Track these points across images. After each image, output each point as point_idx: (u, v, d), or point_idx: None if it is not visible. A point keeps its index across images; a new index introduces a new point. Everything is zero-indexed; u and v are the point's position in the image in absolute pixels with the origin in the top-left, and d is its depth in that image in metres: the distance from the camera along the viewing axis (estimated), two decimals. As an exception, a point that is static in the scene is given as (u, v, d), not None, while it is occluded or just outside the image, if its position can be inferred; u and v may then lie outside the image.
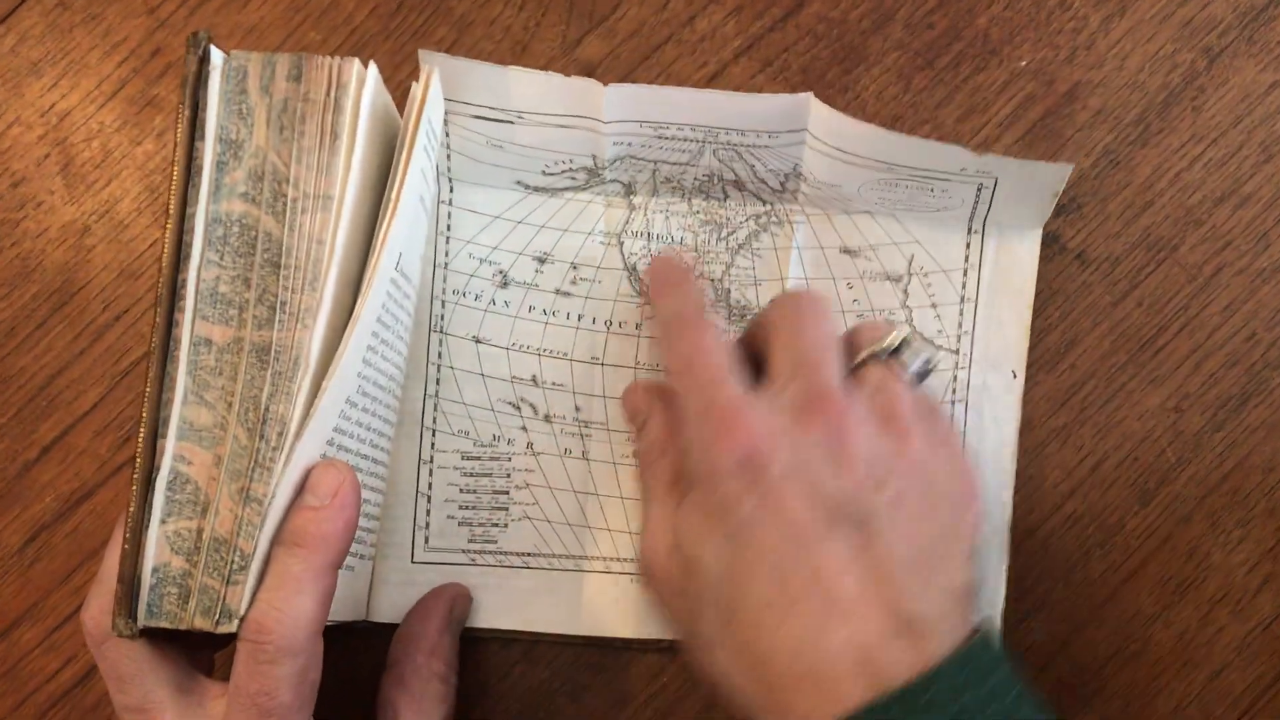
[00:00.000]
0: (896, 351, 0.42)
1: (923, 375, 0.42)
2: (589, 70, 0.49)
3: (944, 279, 0.47)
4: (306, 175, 0.37)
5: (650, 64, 0.49)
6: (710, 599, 0.38)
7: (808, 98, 0.44)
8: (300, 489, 0.37)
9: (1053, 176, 0.44)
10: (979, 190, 0.46)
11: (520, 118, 0.46)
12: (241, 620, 0.36)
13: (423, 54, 0.43)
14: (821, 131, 0.44)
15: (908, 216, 0.47)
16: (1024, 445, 0.47)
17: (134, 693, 0.37)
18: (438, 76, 0.41)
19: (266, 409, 0.36)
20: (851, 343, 0.42)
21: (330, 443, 0.38)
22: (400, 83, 0.49)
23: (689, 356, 0.41)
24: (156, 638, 0.37)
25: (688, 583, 0.39)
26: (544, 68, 0.48)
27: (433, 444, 0.48)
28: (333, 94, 0.38)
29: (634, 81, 0.47)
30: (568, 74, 0.45)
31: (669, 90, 0.45)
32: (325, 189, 0.37)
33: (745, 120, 0.45)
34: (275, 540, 0.36)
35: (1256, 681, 0.46)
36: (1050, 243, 0.47)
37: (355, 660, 0.47)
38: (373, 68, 0.38)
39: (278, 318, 0.37)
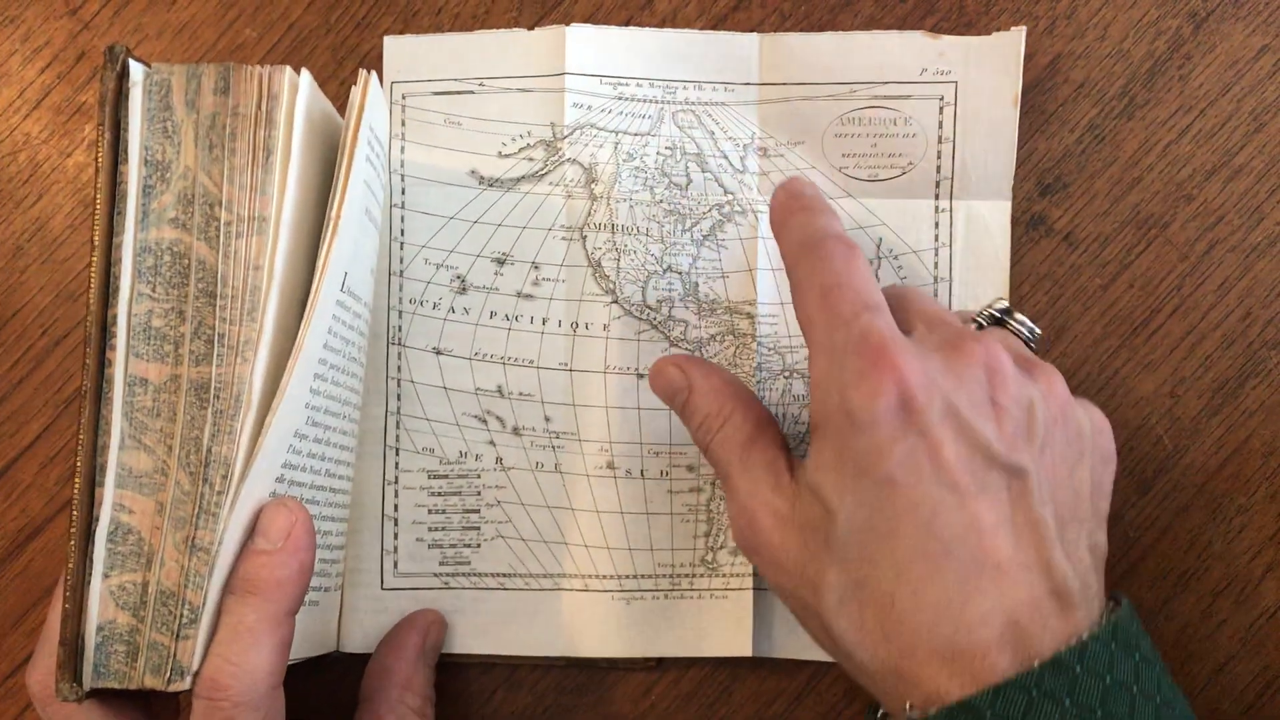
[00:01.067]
0: (1004, 315, 0.40)
1: (1029, 342, 0.40)
2: (544, 61, 0.45)
3: (915, 260, 0.45)
4: (240, 196, 0.35)
5: (609, 51, 0.45)
6: (840, 555, 0.35)
7: (755, 36, 0.44)
8: (250, 532, 0.35)
9: (1009, 49, 0.44)
10: (941, 108, 0.44)
11: (481, 85, 0.45)
12: (195, 676, 0.34)
13: (388, 41, 0.43)
14: (774, 68, 0.44)
15: (872, 195, 0.45)
16: (1015, 438, 0.44)
17: None
18: (375, 80, 0.38)
19: (209, 451, 0.34)
20: None
21: (280, 479, 0.36)
22: (344, 80, 0.46)
23: (832, 280, 0.36)
24: (107, 695, 0.35)
25: (810, 541, 0.36)
26: (497, 59, 0.45)
27: (397, 464, 0.45)
28: (264, 106, 0.35)
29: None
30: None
31: (628, 31, 0.45)
32: (260, 210, 0.35)
33: (700, 68, 0.45)
34: (226, 589, 0.34)
35: (1262, 673, 0.44)
36: (1036, 225, 0.45)
37: (327, 695, 0.44)
38: (305, 75, 0.36)
39: (216, 352, 0.34)
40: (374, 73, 0.38)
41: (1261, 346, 0.45)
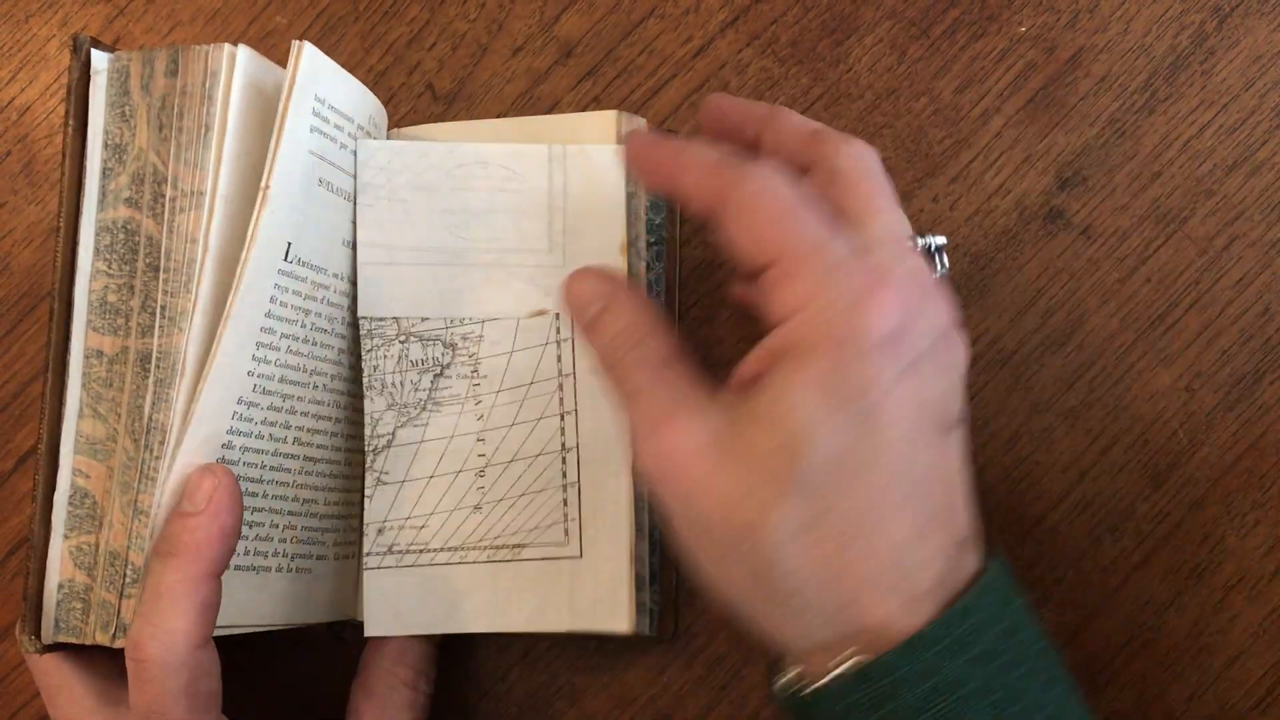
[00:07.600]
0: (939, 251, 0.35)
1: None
2: (568, 48, 0.41)
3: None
4: (184, 172, 0.34)
5: (632, 40, 0.43)
6: (805, 484, 0.29)
7: None
8: None
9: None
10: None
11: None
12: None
13: (299, 48, 0.36)
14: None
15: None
16: (1031, 430, 0.41)
17: (61, 705, 0.36)
18: (310, 51, 0.35)
19: (150, 418, 0.34)
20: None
21: (229, 445, 0.35)
22: (371, 68, 0.43)
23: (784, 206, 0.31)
24: (83, 650, 0.35)
25: (755, 472, 0.30)
26: (522, 45, 0.43)
27: None
28: (205, 84, 0.34)
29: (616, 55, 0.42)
30: (545, 50, 0.38)
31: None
32: (199, 184, 0.34)
33: None
34: (151, 551, 0.33)
35: (1274, 668, 0.41)
36: (1055, 217, 0.41)
37: (347, 664, 0.41)
38: (243, 50, 0.34)
39: (158, 323, 0.34)
40: (307, 42, 0.35)
41: (1280, 343, 0.41)
